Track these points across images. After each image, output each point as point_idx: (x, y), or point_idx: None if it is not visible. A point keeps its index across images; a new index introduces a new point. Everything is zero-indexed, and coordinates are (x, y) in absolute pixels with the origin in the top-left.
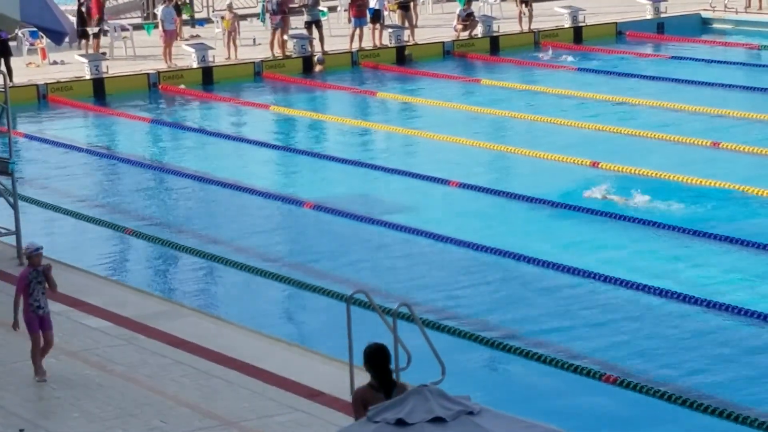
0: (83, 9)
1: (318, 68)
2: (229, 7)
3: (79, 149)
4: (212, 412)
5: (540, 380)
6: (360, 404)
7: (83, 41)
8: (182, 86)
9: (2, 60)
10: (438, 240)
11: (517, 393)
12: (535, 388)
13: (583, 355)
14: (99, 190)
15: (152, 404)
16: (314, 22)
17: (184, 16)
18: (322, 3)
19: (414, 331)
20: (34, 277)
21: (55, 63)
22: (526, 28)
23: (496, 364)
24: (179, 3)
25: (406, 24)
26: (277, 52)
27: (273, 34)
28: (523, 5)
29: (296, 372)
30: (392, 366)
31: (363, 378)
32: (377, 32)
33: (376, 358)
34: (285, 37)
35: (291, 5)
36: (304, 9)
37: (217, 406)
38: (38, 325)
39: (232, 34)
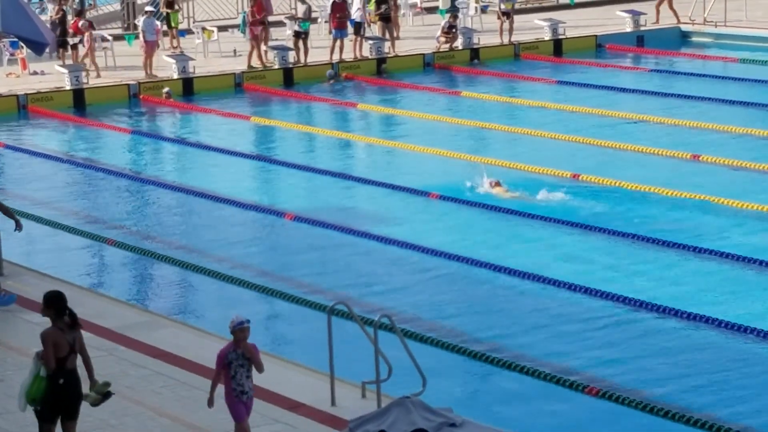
0: (67, 18)
1: (330, 82)
2: None
3: (59, 160)
4: (193, 424)
5: (522, 392)
6: (51, 345)
7: (62, 51)
8: (167, 89)
9: None
10: (419, 251)
11: (498, 405)
12: (516, 400)
13: (567, 367)
14: (79, 201)
15: (133, 415)
16: (302, 33)
17: (164, 27)
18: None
19: (395, 343)
20: (235, 358)
21: (35, 73)
22: (506, 40)
23: (477, 376)
24: (169, 12)
25: (387, 36)
26: (256, 63)
27: (252, 46)
28: (504, 17)
29: (277, 383)
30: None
31: (345, 389)
32: (358, 44)
33: (60, 300)
34: (265, 48)
35: (270, 16)
36: (296, 20)
37: (199, 418)
38: (244, 412)
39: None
